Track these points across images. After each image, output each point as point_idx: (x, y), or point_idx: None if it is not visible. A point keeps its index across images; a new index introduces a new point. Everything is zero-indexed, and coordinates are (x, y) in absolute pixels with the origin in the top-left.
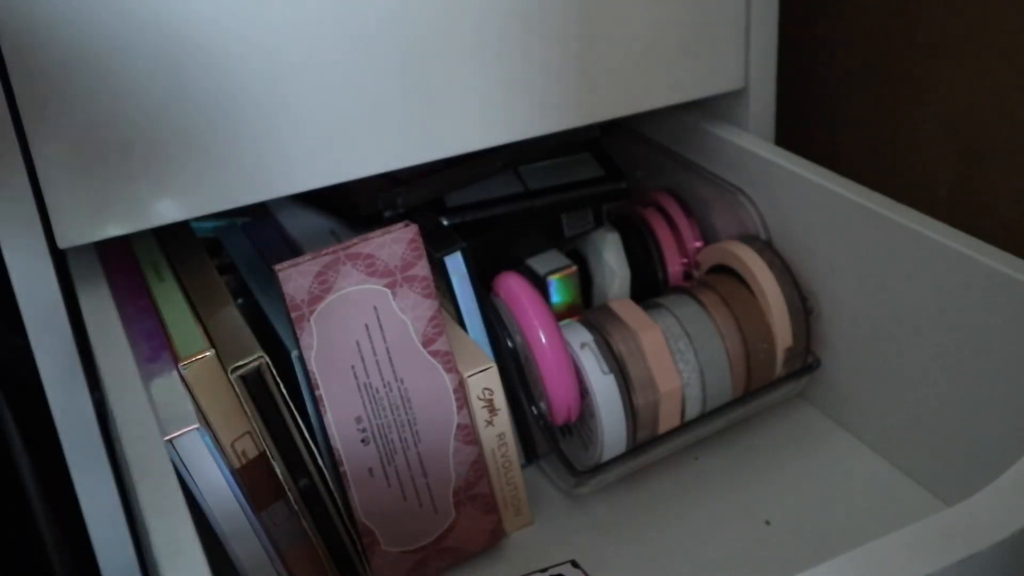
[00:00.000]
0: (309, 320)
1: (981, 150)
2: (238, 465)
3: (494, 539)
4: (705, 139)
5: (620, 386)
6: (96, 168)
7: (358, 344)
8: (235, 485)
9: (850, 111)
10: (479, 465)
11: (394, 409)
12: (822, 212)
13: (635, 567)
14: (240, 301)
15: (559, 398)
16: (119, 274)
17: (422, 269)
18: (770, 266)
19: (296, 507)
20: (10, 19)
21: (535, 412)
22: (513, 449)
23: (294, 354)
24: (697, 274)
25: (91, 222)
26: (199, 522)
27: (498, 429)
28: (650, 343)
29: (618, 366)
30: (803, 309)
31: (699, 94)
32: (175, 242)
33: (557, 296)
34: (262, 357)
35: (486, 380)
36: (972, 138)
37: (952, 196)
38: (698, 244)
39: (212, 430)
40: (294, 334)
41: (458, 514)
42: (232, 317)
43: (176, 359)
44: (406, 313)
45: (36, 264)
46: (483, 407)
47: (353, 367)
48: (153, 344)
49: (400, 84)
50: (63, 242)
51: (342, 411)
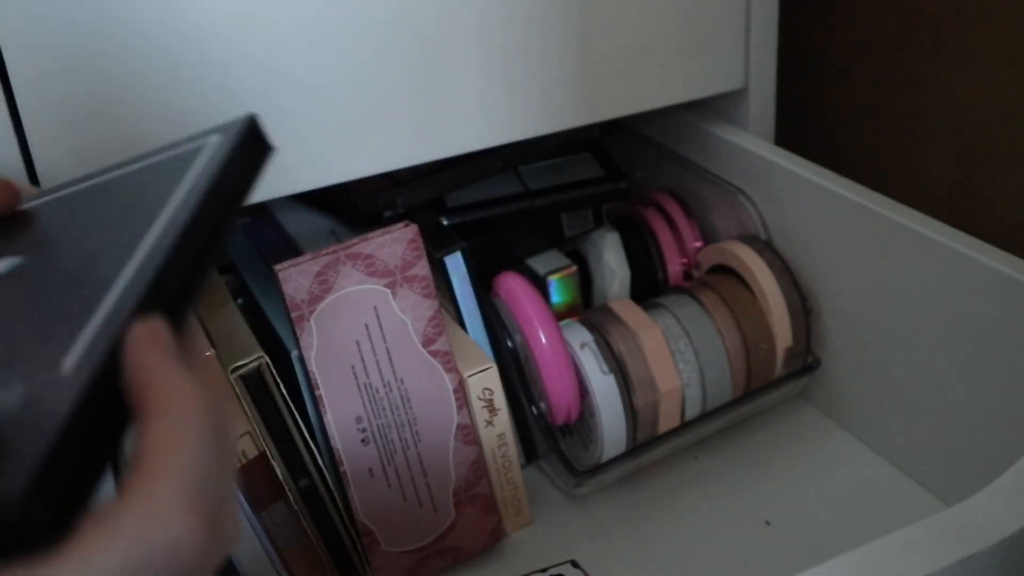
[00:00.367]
0: (309, 320)
1: (981, 150)
2: (238, 465)
3: (494, 539)
4: (705, 139)
5: (620, 386)
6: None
7: (358, 344)
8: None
9: (850, 111)
10: (479, 465)
11: (394, 409)
12: (822, 212)
13: (635, 567)
14: (240, 301)
15: (559, 398)
16: None
17: (422, 269)
18: (770, 266)
19: (296, 507)
20: (11, 19)
21: (535, 412)
22: (513, 449)
23: (294, 354)
24: (697, 274)
25: None
26: None
27: (498, 429)
28: (650, 343)
29: (618, 366)
30: (803, 309)
31: (699, 94)
32: None
33: (557, 296)
34: (262, 357)
35: (486, 380)
36: (972, 138)
37: (952, 196)
38: (698, 244)
39: None
40: (294, 334)
41: (458, 514)
42: (232, 317)
43: None
44: (406, 313)
45: None
46: (483, 407)
47: (353, 367)
48: None
49: (400, 84)
50: None
51: (342, 411)
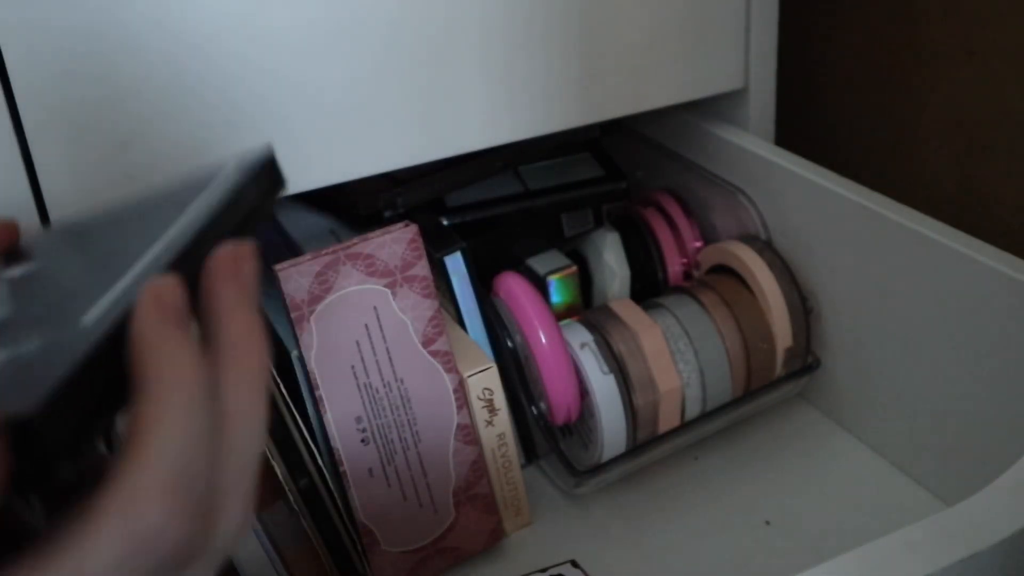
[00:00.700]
0: (309, 320)
1: (982, 150)
2: (257, 456)
3: (494, 539)
4: (705, 139)
5: (620, 386)
6: (95, 168)
7: (358, 344)
8: None
9: (850, 111)
10: (479, 465)
11: (394, 409)
12: (822, 212)
13: (635, 567)
14: None
15: (559, 398)
16: None
17: (422, 269)
18: (770, 266)
19: (296, 507)
20: (10, 20)
21: (535, 412)
22: (513, 449)
23: (294, 354)
24: (697, 274)
25: None
26: None
27: (498, 429)
28: (650, 343)
29: (618, 366)
30: (803, 309)
31: (699, 94)
32: None
33: (557, 296)
34: None
35: (486, 380)
36: (974, 138)
37: (953, 196)
38: (698, 244)
39: None
40: (294, 334)
41: (458, 514)
42: None
43: None
44: (406, 313)
45: None
46: (483, 407)
47: (353, 367)
48: None
49: (400, 84)
50: None
51: (342, 411)
